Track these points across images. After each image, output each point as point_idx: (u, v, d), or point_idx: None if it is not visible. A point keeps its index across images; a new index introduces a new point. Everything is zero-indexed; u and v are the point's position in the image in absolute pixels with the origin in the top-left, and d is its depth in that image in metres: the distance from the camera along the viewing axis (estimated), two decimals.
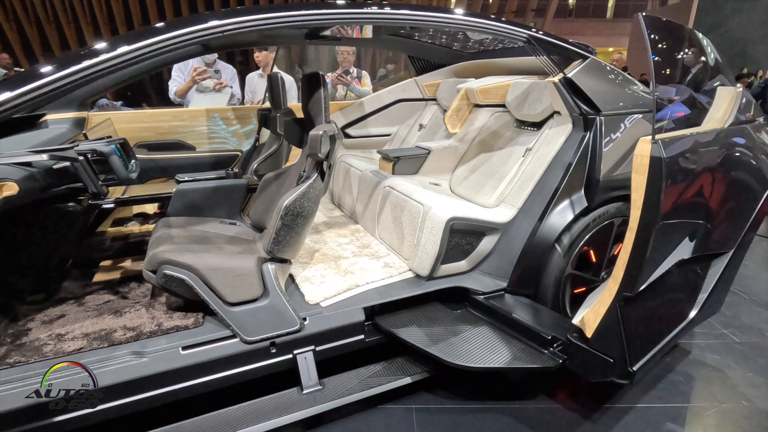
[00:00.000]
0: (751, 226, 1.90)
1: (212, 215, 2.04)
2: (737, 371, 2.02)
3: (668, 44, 1.85)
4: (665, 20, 1.77)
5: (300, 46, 8.67)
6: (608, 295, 1.46)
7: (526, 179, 2.01)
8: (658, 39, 1.79)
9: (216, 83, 3.23)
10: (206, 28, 1.34)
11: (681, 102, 1.99)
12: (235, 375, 1.54)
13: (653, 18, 1.60)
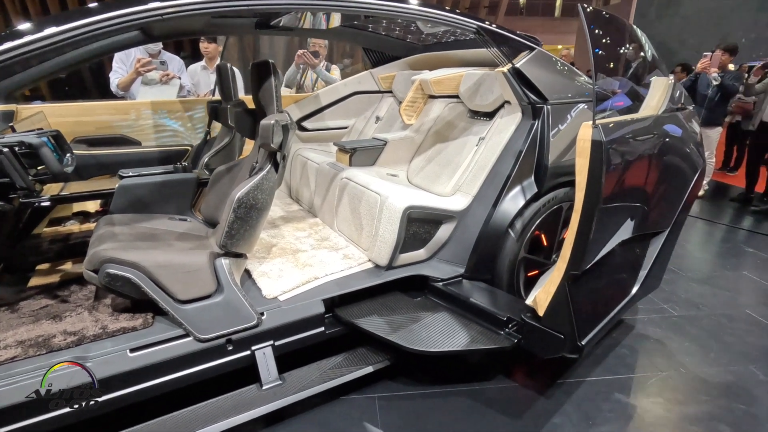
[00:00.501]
0: (683, 207, 2.05)
1: (160, 211, 1.94)
2: (675, 342, 2.17)
3: (608, 36, 1.95)
4: (605, 13, 1.87)
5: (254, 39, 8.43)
6: (557, 275, 1.52)
7: (479, 168, 2.06)
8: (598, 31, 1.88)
9: (163, 75, 3.08)
10: (144, 11, 1.27)
11: (620, 90, 2.10)
12: (190, 375, 1.48)
13: (594, 11, 1.68)
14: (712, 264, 3.18)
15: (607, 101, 2.07)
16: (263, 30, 2.35)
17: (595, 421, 1.66)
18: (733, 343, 2.16)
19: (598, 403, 1.75)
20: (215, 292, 1.56)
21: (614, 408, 1.73)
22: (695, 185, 2.09)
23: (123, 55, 3.16)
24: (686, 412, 1.74)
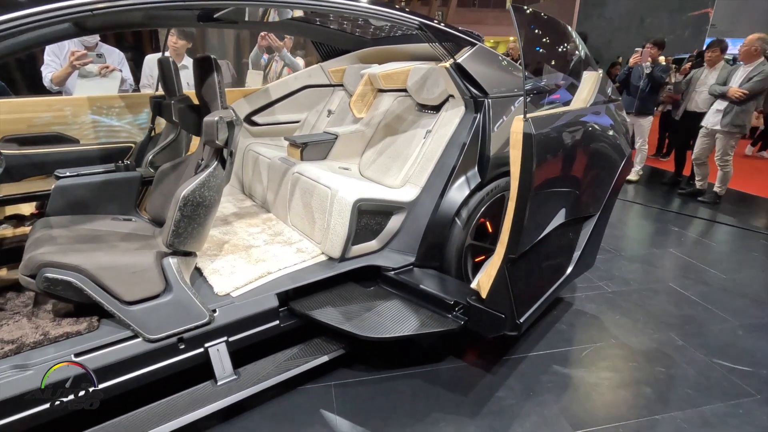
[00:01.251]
0: (612, 191, 2.23)
1: (103, 212, 1.88)
2: (608, 315, 2.38)
3: (541, 34, 2.08)
4: (534, 12, 1.98)
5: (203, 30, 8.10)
6: (497, 259, 1.63)
7: (427, 159, 2.13)
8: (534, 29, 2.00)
9: (101, 67, 2.92)
10: (72, 6, 1.22)
11: (553, 84, 2.25)
12: (142, 376, 1.47)
13: (521, 8, 1.78)
14: (643, 244, 3.47)
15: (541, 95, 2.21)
16: (206, 23, 2.29)
17: (535, 391, 1.81)
18: (657, 314, 2.40)
19: (539, 376, 1.89)
20: (164, 292, 1.54)
21: (553, 379, 1.89)
22: (623, 171, 2.28)
23: (56, 47, 2.98)
24: (616, 378, 1.92)
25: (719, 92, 4.14)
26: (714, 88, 4.23)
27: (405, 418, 1.66)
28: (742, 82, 4.03)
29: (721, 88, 4.14)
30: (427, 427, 1.63)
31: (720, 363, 2.00)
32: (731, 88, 4.03)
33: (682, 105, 4.92)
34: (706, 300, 2.54)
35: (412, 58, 2.76)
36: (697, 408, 1.74)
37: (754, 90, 3.96)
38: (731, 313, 2.41)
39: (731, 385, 1.87)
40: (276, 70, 4.66)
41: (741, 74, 4.09)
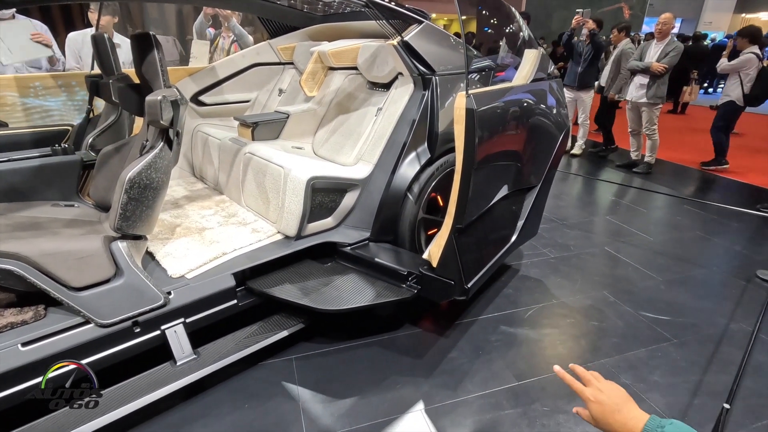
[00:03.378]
0: (552, 164, 2.38)
1: (42, 198, 1.80)
2: (551, 279, 2.58)
3: (484, 14, 2.15)
4: None
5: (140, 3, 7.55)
6: (445, 230, 1.73)
7: (379, 137, 2.18)
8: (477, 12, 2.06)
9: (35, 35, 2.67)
10: None
11: (497, 62, 2.34)
12: (96, 361, 1.46)
13: None
14: (583, 212, 3.73)
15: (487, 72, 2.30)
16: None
17: (484, 350, 1.96)
18: (593, 275, 2.62)
19: (487, 336, 2.05)
20: (114, 276, 1.52)
21: (500, 338, 2.04)
22: (561, 144, 2.43)
23: None
24: (555, 333, 2.11)
25: (642, 67, 4.46)
26: (634, 63, 4.56)
27: (365, 384, 1.76)
28: (658, 57, 4.37)
29: (643, 63, 4.46)
30: (385, 390, 1.73)
31: (645, 315, 2.25)
32: (654, 63, 4.36)
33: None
34: (635, 260, 2.80)
35: (362, 35, 2.76)
36: (623, 354, 1.96)
37: (672, 63, 4.33)
38: (656, 271, 2.68)
39: (653, 333, 2.11)
40: (223, 46, 4.47)
41: (655, 50, 4.44)
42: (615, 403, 0.75)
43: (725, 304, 2.36)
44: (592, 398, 0.77)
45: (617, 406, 0.75)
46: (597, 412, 0.76)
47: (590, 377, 0.81)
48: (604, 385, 0.79)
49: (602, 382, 0.80)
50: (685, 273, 2.68)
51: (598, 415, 0.76)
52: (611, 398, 0.76)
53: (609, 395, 0.76)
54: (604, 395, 0.77)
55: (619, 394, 0.77)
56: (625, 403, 0.76)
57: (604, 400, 0.76)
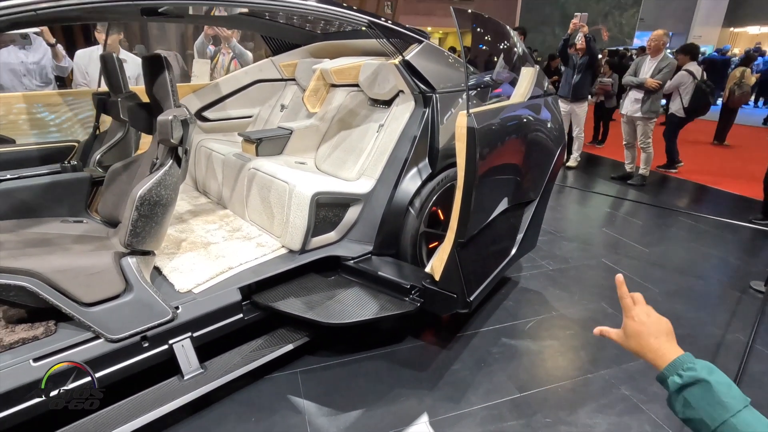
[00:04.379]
0: (550, 178, 2.44)
1: (51, 215, 1.83)
2: (550, 291, 2.61)
3: (482, 34, 2.23)
4: (476, 13, 2.12)
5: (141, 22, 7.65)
6: (448, 244, 1.77)
7: (381, 153, 2.23)
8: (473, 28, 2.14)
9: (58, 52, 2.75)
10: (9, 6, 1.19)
11: (495, 79, 2.41)
12: (106, 376, 1.48)
13: (462, 11, 1.91)
14: (580, 225, 3.79)
15: (485, 89, 2.37)
16: (151, 17, 2.24)
17: (486, 362, 1.98)
18: (591, 286, 2.67)
19: (489, 348, 2.08)
20: (124, 292, 1.55)
21: (501, 351, 2.07)
22: (558, 158, 2.50)
23: None
24: (555, 345, 2.14)
25: (636, 83, 4.59)
26: (629, 79, 4.70)
27: (369, 396, 1.78)
28: (652, 73, 4.50)
29: (637, 79, 4.59)
30: (389, 402, 1.75)
31: None
32: (648, 80, 4.48)
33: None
34: (632, 272, 2.85)
35: (362, 53, 2.83)
36: (622, 366, 1.99)
37: (665, 79, 4.47)
38: (652, 282, 2.73)
39: None
40: (223, 63, 4.55)
41: (649, 66, 4.57)
42: (657, 329, 0.75)
43: (721, 314, 2.41)
44: (636, 317, 0.77)
45: (658, 332, 0.74)
46: (633, 330, 0.76)
47: (641, 299, 0.81)
48: (650, 311, 0.79)
49: (649, 309, 0.79)
50: (681, 284, 2.73)
51: (633, 332, 0.76)
52: (655, 324, 0.76)
53: (655, 321, 0.76)
54: (651, 319, 0.76)
55: (663, 323, 0.76)
56: (666, 334, 0.75)
57: (647, 321, 0.76)
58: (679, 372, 0.69)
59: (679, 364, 0.70)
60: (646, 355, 0.74)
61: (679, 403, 0.68)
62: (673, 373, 0.70)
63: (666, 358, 0.71)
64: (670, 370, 0.70)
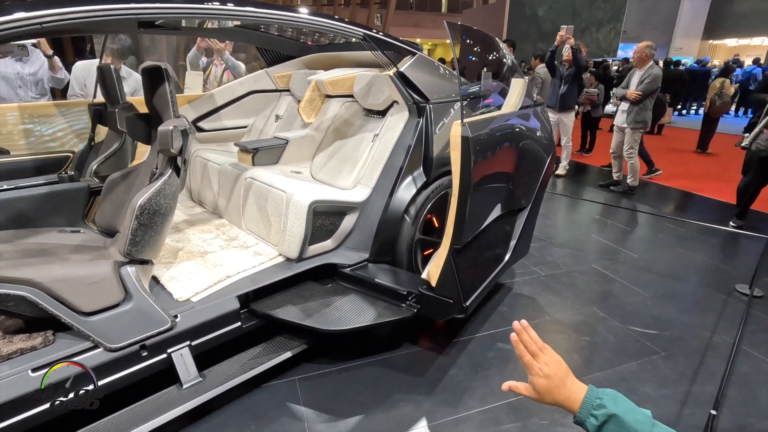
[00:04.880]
0: (541, 185, 2.51)
1: (49, 225, 1.83)
2: (543, 296, 2.66)
3: (474, 47, 2.30)
4: (468, 27, 2.19)
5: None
6: (443, 250, 1.81)
7: (376, 161, 2.27)
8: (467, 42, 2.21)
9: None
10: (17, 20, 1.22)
11: (487, 91, 2.48)
12: (105, 385, 1.47)
13: (455, 24, 1.98)
14: (571, 232, 3.86)
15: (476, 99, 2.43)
16: (147, 29, 2.27)
17: (482, 367, 2.01)
18: (583, 291, 2.72)
19: (485, 353, 2.11)
20: (123, 301, 1.55)
21: (497, 355, 2.10)
22: (549, 167, 2.56)
23: None
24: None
25: (621, 95, 4.73)
26: (617, 91, 4.86)
27: (368, 402, 1.79)
28: (636, 85, 4.62)
29: (622, 91, 4.73)
30: (388, 408, 1.77)
31: (633, 329, 2.34)
32: (628, 91, 4.64)
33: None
34: (622, 277, 2.91)
35: (356, 64, 2.88)
36: (615, 368, 2.04)
37: (646, 91, 4.57)
38: (642, 286, 2.80)
39: (642, 346, 2.20)
40: (216, 74, 4.58)
41: (636, 78, 4.71)
42: (560, 377, 0.76)
43: (708, 317, 2.48)
44: (541, 373, 0.77)
45: (562, 381, 0.76)
46: (543, 387, 0.77)
47: (537, 350, 0.80)
48: (549, 358, 0.79)
49: (548, 354, 0.80)
50: (670, 288, 2.79)
51: (543, 389, 0.77)
52: (557, 373, 0.77)
53: (554, 370, 0.77)
54: (551, 369, 0.77)
55: (562, 367, 0.78)
56: (567, 376, 0.77)
57: (550, 374, 0.77)
58: (592, 412, 0.73)
59: (589, 403, 0.73)
60: (562, 404, 0.76)
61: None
62: (587, 415, 0.73)
63: (577, 402, 0.74)
64: (583, 413, 0.74)
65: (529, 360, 0.80)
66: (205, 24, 2.62)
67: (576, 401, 0.75)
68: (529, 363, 0.79)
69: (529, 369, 0.79)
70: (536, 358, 0.79)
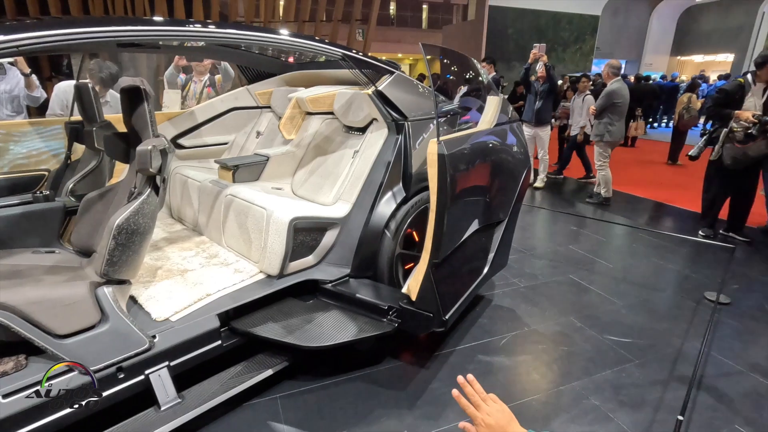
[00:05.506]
0: (517, 199, 2.58)
1: (23, 246, 1.79)
2: (522, 307, 2.72)
3: (450, 66, 2.37)
4: (444, 48, 2.27)
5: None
6: (423, 264, 1.84)
7: (356, 177, 2.31)
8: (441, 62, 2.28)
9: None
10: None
11: (463, 109, 2.56)
12: (79, 411, 1.44)
13: (432, 46, 2.05)
14: (549, 243, 3.95)
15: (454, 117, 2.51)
16: (126, 48, 2.28)
17: None
18: (560, 302, 2.79)
19: (465, 366, 2.13)
20: (99, 322, 1.53)
21: (478, 367, 2.14)
22: (524, 180, 2.64)
23: None
24: (529, 359, 2.22)
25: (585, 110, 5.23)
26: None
27: (350, 419, 1.79)
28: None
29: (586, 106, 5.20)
30: (370, 423, 1.77)
31: (609, 338, 2.40)
32: (591, 107, 5.04)
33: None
34: (597, 287, 3.00)
35: (336, 82, 2.93)
36: (591, 376, 2.09)
37: (600, 106, 4.92)
38: (617, 296, 2.88)
39: (617, 355, 2.26)
40: (195, 91, 4.57)
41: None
42: (501, 426, 0.85)
43: (679, 324, 2.56)
44: (483, 423, 0.86)
45: (503, 429, 0.85)
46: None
47: (480, 401, 0.89)
48: (492, 408, 0.88)
49: (490, 405, 0.88)
50: (643, 297, 2.89)
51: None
52: (498, 421, 0.85)
53: (496, 419, 0.86)
54: (492, 419, 0.86)
55: (505, 416, 0.87)
56: (509, 423, 0.86)
57: (492, 423, 0.85)
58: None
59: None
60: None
61: None
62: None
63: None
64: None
65: (472, 412, 0.88)
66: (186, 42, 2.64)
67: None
68: (473, 414, 0.88)
69: (474, 419, 0.88)
70: (479, 409, 0.88)
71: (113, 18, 1.47)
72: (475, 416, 0.87)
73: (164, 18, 1.83)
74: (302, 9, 9.16)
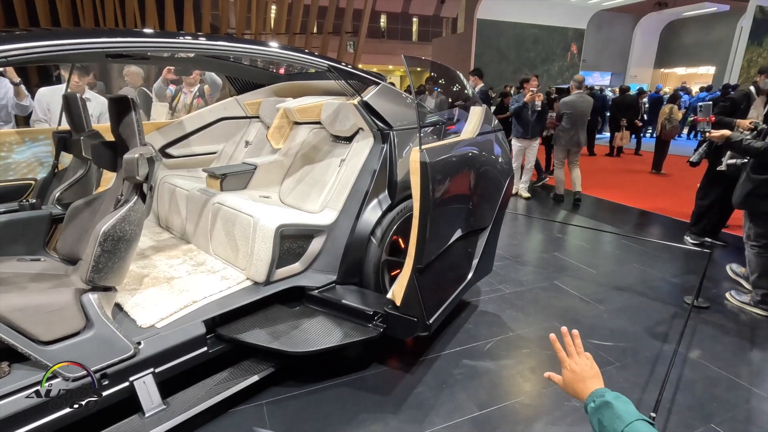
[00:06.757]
0: (500, 206, 2.63)
1: (8, 254, 1.80)
2: (507, 312, 2.76)
3: (433, 78, 2.44)
4: (429, 60, 2.34)
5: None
6: (407, 270, 1.88)
7: (343, 185, 2.35)
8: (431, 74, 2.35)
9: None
10: None
11: (447, 118, 2.63)
12: (62, 417, 1.44)
13: (416, 58, 2.12)
14: (534, 250, 4.02)
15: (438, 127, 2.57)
16: (115, 59, 2.31)
17: (448, 383, 2.07)
18: (545, 307, 2.84)
19: (451, 370, 2.16)
20: (84, 329, 1.54)
21: (463, 371, 2.17)
22: (507, 188, 2.70)
23: None
24: (513, 363, 2.26)
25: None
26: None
27: (335, 424, 1.81)
28: None
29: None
30: (355, 427, 1.79)
31: (591, 341, 2.45)
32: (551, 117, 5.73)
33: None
34: (581, 292, 3.06)
35: (324, 92, 2.99)
36: None
37: (557, 115, 5.63)
38: (599, 301, 2.94)
39: (599, 357, 2.31)
40: (185, 101, 4.61)
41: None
42: (583, 375, 0.95)
43: (659, 328, 2.62)
44: (568, 367, 0.97)
45: (583, 378, 0.95)
46: (567, 378, 0.98)
47: (573, 351, 0.99)
48: (581, 359, 0.98)
49: (582, 358, 0.98)
50: (625, 302, 2.95)
51: (567, 380, 0.97)
52: (582, 371, 0.96)
53: (581, 368, 0.96)
54: (578, 367, 0.97)
55: (590, 370, 0.96)
56: (591, 377, 0.95)
57: (576, 370, 0.96)
58: (594, 399, 0.91)
59: (594, 395, 0.91)
60: (578, 395, 0.95)
61: (594, 421, 0.89)
62: (589, 400, 0.92)
63: (587, 393, 0.93)
64: (588, 400, 0.92)
65: (562, 356, 1.00)
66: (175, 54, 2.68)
67: (587, 393, 0.93)
68: (562, 359, 1.00)
69: (562, 362, 1.00)
70: (571, 357, 0.99)
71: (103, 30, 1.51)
72: (564, 360, 0.99)
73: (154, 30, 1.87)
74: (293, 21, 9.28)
